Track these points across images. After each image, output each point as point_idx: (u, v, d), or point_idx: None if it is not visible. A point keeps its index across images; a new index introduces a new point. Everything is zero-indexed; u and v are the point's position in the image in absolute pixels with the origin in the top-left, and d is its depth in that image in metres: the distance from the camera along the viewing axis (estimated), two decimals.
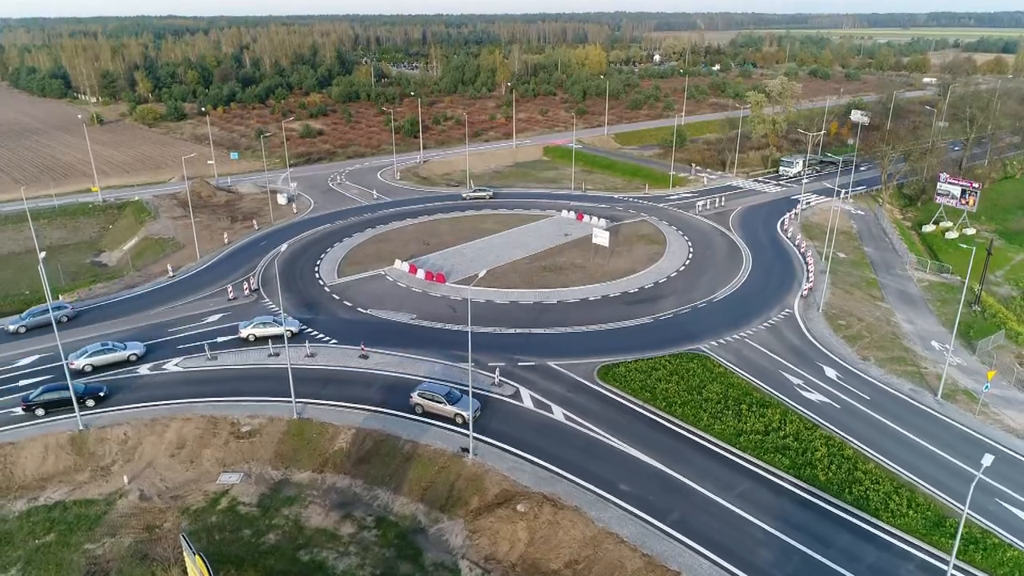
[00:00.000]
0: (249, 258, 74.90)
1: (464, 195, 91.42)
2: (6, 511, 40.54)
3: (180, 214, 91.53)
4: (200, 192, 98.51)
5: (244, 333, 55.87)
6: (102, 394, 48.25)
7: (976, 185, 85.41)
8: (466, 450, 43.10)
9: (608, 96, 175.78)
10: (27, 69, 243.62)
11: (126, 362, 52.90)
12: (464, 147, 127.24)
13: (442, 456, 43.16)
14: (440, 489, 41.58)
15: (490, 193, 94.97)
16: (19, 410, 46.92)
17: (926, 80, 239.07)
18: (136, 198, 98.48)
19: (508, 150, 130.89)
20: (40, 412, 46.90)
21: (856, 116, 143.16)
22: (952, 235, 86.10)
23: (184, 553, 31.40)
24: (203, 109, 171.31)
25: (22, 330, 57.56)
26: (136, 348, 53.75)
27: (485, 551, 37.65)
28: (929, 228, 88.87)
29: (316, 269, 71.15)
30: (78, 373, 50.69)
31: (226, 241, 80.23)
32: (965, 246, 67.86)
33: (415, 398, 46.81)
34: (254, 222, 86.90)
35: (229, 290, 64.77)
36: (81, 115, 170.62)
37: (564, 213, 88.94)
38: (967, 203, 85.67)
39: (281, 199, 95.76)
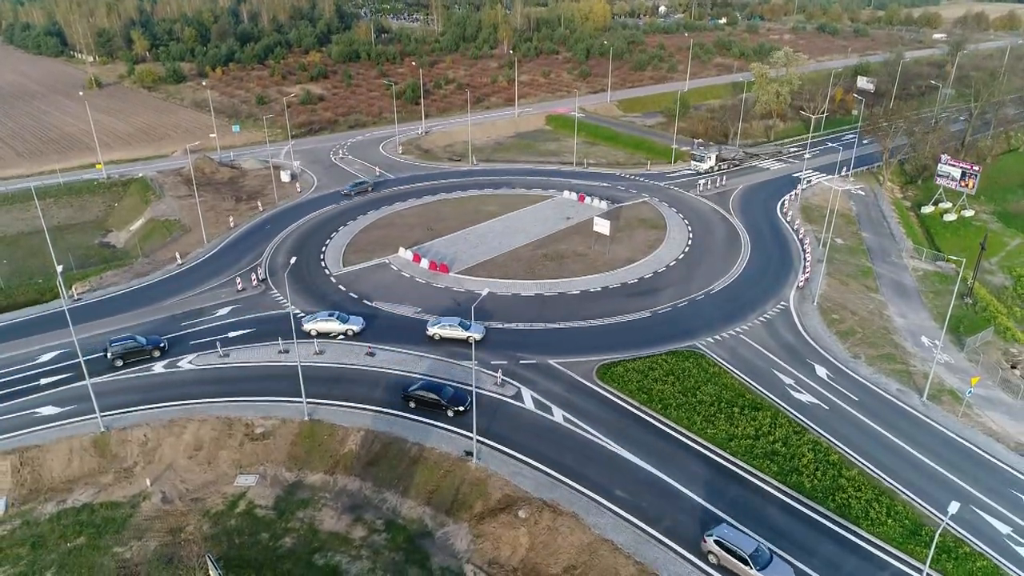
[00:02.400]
0: (255, 244, 76.12)
1: (344, 191, 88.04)
2: (37, 513, 43.04)
3: (185, 193, 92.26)
4: (203, 169, 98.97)
5: (307, 327, 57.30)
6: (163, 346, 54.89)
7: (976, 168, 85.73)
8: (470, 453, 45.28)
9: (612, 56, 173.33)
10: (21, 25, 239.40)
11: (344, 334, 57.27)
12: (465, 116, 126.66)
13: (447, 460, 45.38)
14: (446, 493, 43.93)
15: (370, 185, 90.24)
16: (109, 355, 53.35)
17: (936, 36, 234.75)
18: (140, 175, 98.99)
19: (510, 119, 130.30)
20: (119, 363, 53.27)
21: (862, 83, 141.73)
22: (950, 217, 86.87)
23: (210, 571, 33.75)
24: (202, 71, 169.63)
25: (119, 363, 54.49)
26: (479, 331, 56.43)
27: (488, 555, 40.16)
28: (928, 209, 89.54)
29: (322, 257, 72.42)
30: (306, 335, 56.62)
31: (232, 225, 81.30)
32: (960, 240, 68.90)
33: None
34: (259, 203, 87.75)
35: (238, 282, 66.21)
36: (79, 77, 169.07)
37: (566, 194, 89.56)
38: (966, 185, 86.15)
39: (284, 176, 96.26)
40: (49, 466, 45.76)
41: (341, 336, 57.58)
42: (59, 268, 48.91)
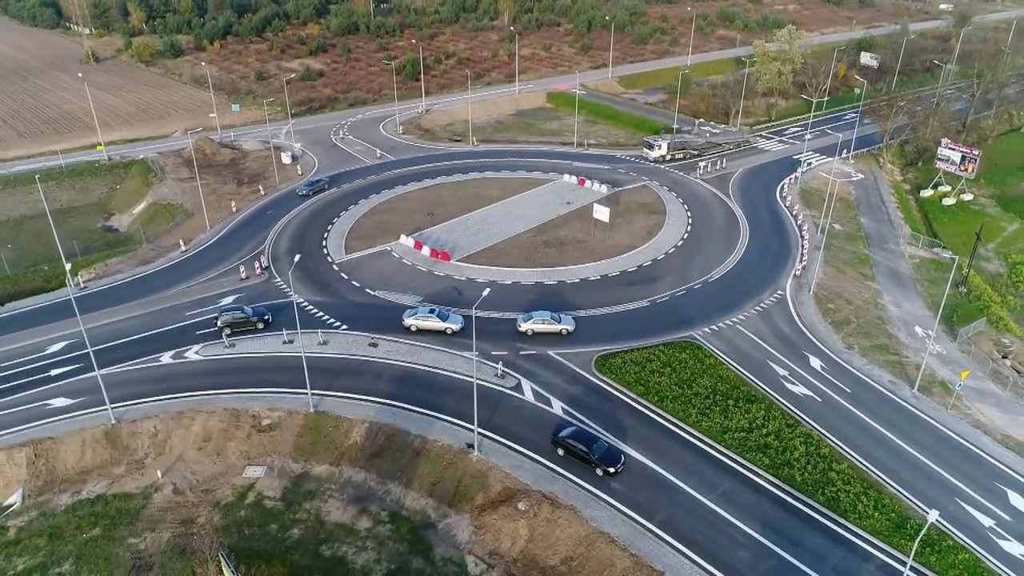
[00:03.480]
0: (257, 230, 76.75)
1: (299, 191, 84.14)
2: (53, 504, 44.52)
3: (186, 175, 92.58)
4: (204, 150, 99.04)
5: (408, 322, 57.23)
6: (267, 318, 58.09)
7: (976, 152, 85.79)
8: (471, 446, 46.60)
9: (613, 29, 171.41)
10: None
11: (442, 332, 57.25)
12: (466, 93, 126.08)
13: (449, 452, 46.71)
14: (448, 484, 45.35)
15: (326, 182, 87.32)
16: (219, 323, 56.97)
17: (943, 6, 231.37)
18: (141, 156, 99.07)
19: (510, 97, 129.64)
20: (227, 331, 56.51)
21: (865, 59, 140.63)
22: (949, 201, 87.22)
23: (223, 568, 35.22)
24: (200, 45, 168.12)
25: (227, 331, 57.18)
26: (456, 322, 57.21)
27: (489, 546, 41.70)
28: (927, 193, 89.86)
29: (324, 244, 73.12)
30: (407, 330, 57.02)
31: (234, 209, 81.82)
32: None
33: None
34: (260, 187, 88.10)
35: (241, 270, 67.00)
36: (76, 50, 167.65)
37: (566, 178, 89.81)
38: (966, 170, 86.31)
39: (285, 158, 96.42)
40: (63, 458, 47.15)
41: (449, 331, 57.28)
42: (67, 266, 49.74)
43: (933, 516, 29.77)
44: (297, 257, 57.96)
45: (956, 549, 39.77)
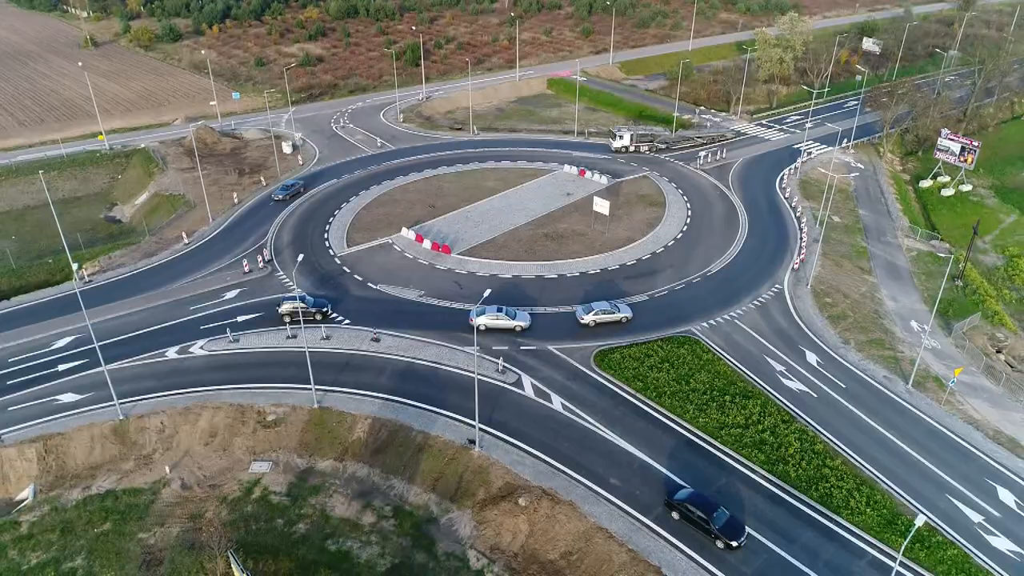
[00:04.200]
0: (259, 222, 77.21)
1: (275, 196, 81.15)
2: (64, 500, 45.53)
3: (187, 165, 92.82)
4: (205, 139, 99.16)
5: (476, 322, 56.33)
6: (326, 310, 59.10)
7: (976, 144, 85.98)
8: (472, 442, 47.52)
9: (615, 13, 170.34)
10: None
11: (512, 331, 57.68)
12: (466, 79, 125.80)
13: (451, 448, 47.64)
14: (450, 480, 46.34)
15: (302, 184, 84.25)
16: (280, 311, 58.58)
17: None
18: (142, 146, 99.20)
19: (511, 83, 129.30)
20: (287, 319, 58.23)
21: (867, 45, 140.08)
22: (948, 192, 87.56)
23: (233, 567, 36.24)
24: (199, 28, 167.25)
25: (287, 319, 58.70)
26: (524, 319, 57.99)
27: (490, 541, 42.76)
28: (926, 184, 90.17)
29: (326, 237, 73.64)
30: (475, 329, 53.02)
31: (236, 201, 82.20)
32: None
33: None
34: (261, 178, 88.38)
35: (245, 264, 67.57)
36: (74, 34, 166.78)
37: (566, 168, 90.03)
38: (965, 160, 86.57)
39: (286, 147, 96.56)
40: (73, 453, 48.12)
41: (517, 329, 57.67)
42: (76, 266, 50.21)
43: (919, 521, 30.68)
44: (301, 257, 58.50)
45: (945, 545, 40.80)
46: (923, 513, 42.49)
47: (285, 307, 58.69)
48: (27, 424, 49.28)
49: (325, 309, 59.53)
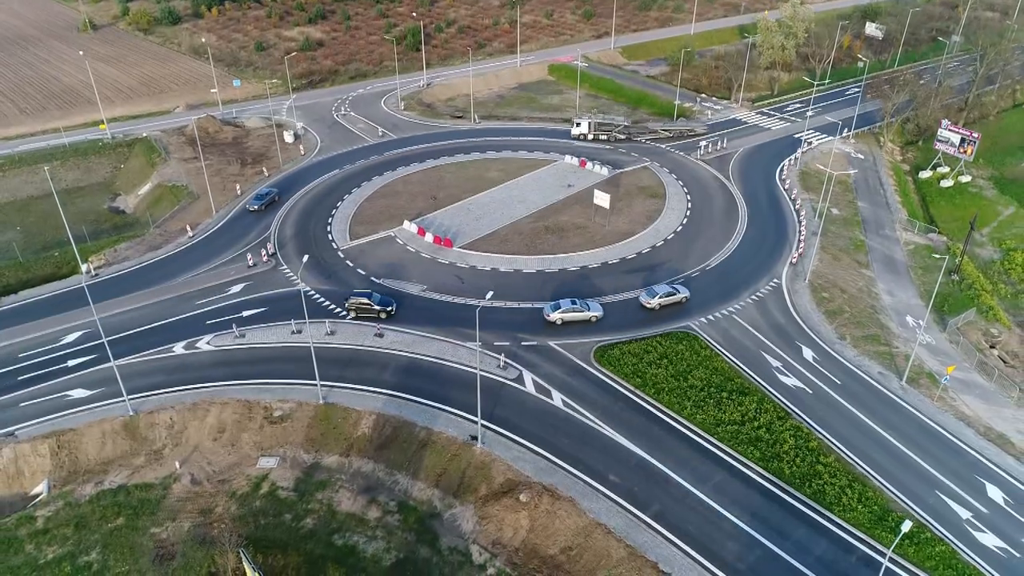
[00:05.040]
0: (262, 214, 77.76)
1: (251, 207, 77.81)
2: (78, 494, 46.76)
3: (190, 155, 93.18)
4: (207, 128, 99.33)
5: (553, 317, 58.45)
6: (390, 309, 59.46)
7: (976, 135, 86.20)
8: (475, 438, 48.69)
9: None
10: None
11: (587, 322, 59.23)
12: (467, 65, 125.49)
13: (454, 444, 48.81)
14: (452, 476, 47.55)
15: (277, 193, 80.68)
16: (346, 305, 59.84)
17: None
18: (144, 135, 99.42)
19: (512, 69, 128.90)
20: (351, 315, 59.05)
21: (870, 30, 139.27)
22: (947, 183, 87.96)
23: (244, 564, 37.51)
24: (198, 11, 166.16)
25: (351, 314, 59.91)
26: (597, 310, 59.50)
27: (492, 536, 44.06)
28: (926, 174, 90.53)
29: (328, 230, 74.28)
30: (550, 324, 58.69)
31: (239, 193, 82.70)
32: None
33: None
34: (263, 169, 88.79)
35: (249, 258, 68.30)
36: (72, 17, 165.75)
37: (567, 159, 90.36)
38: (965, 152, 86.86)
39: (288, 137, 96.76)
40: (85, 449, 49.31)
41: (592, 320, 59.31)
42: (83, 268, 50.99)
43: (906, 526, 31.74)
44: (306, 258, 59.19)
45: (934, 541, 42.04)
46: (912, 510, 43.90)
47: (352, 301, 59.52)
48: (40, 420, 50.42)
49: (390, 308, 59.79)
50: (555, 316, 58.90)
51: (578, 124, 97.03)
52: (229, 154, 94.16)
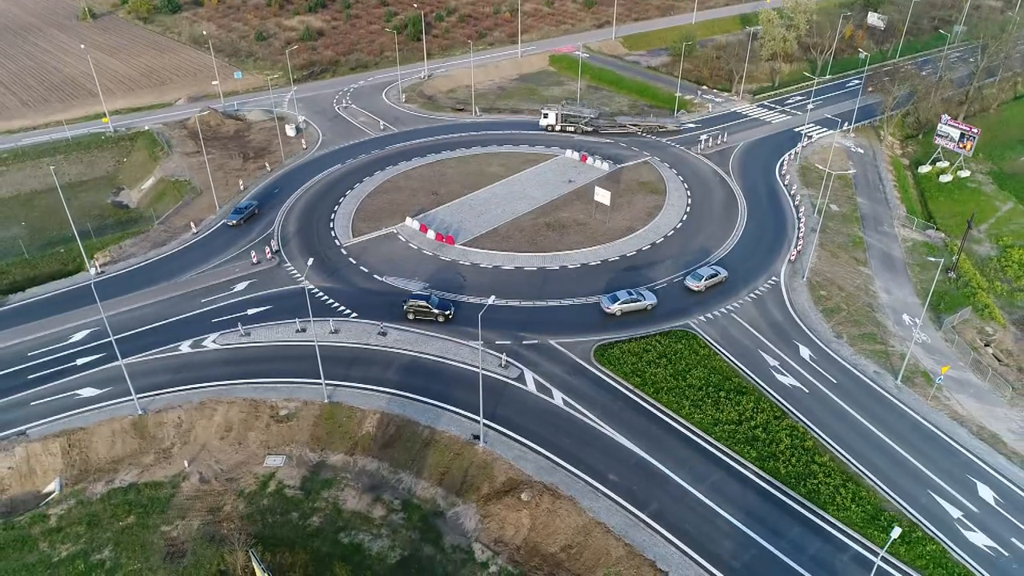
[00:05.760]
0: (265, 210, 78.31)
1: (230, 222, 74.82)
2: (89, 493, 47.83)
3: (192, 149, 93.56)
4: (209, 122, 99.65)
5: (613, 309, 60.24)
6: (449, 312, 59.48)
7: (975, 131, 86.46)
8: (477, 437, 49.67)
9: None
10: None
11: (644, 311, 61.31)
12: (468, 56, 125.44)
13: (456, 443, 49.80)
14: (455, 474, 48.59)
15: (256, 207, 77.72)
16: (405, 307, 59.98)
17: None
18: (146, 128, 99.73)
19: (513, 60, 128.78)
20: (411, 316, 59.39)
21: (872, 19, 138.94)
22: (946, 178, 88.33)
23: (253, 564, 38.59)
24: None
25: (410, 316, 60.05)
26: (652, 298, 61.68)
27: (494, 534, 45.16)
28: (925, 169, 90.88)
29: (331, 226, 74.89)
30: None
31: (241, 188, 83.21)
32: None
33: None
34: (266, 163, 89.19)
35: (253, 255, 68.97)
36: (71, 4, 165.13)
37: (568, 153, 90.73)
38: (964, 147, 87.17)
39: (290, 130, 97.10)
40: (95, 448, 50.32)
41: (648, 308, 61.59)
42: (92, 271, 51.68)
43: (895, 533, 32.72)
44: (311, 260, 59.86)
45: (925, 540, 43.10)
46: (905, 509, 44.96)
47: (411, 304, 59.56)
48: (50, 419, 51.39)
49: (448, 312, 59.80)
50: (615, 308, 60.48)
51: (546, 115, 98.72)
52: (231, 148, 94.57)
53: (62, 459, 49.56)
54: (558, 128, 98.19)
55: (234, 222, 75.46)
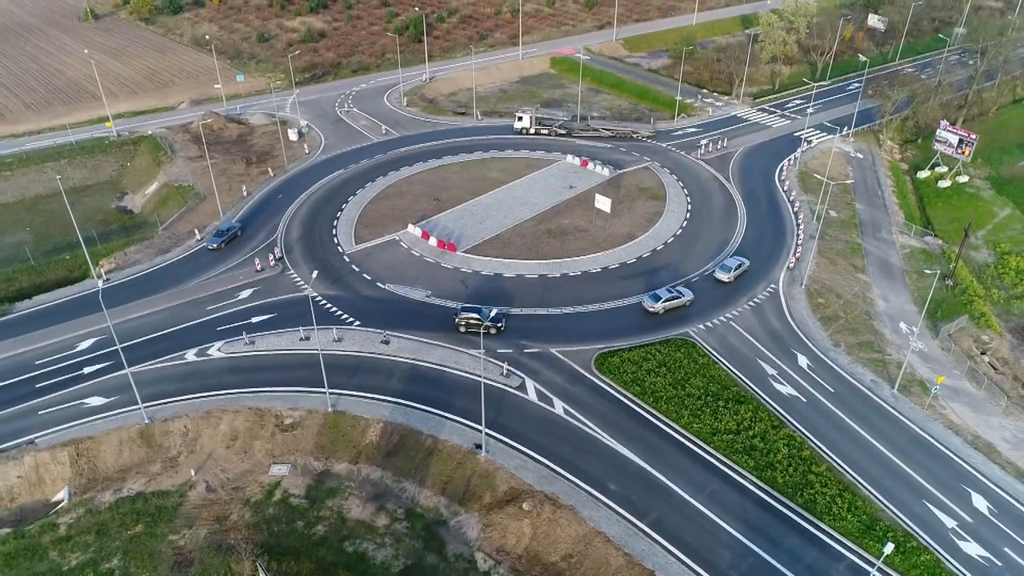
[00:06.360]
0: (268, 216, 78.94)
1: (209, 245, 71.89)
2: (98, 502, 48.64)
3: (195, 153, 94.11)
4: (212, 126, 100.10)
5: (656, 307, 62.37)
6: (500, 325, 60.25)
7: (973, 136, 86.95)
8: (479, 446, 50.43)
9: None
10: None
11: (684, 307, 63.58)
12: (469, 58, 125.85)
13: (459, 452, 50.58)
14: (458, 483, 49.38)
15: (240, 229, 74.88)
16: (457, 320, 60.28)
17: None
18: (150, 132, 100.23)
19: (514, 63, 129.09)
20: (462, 329, 59.77)
21: (872, 21, 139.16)
22: (944, 184, 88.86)
23: (260, 574, 39.38)
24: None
25: (462, 328, 60.15)
26: (689, 295, 63.93)
27: (496, 543, 45.97)
28: (924, 174, 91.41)
29: (334, 233, 75.51)
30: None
31: (245, 194, 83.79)
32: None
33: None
34: (269, 169, 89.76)
35: (256, 262, 69.62)
36: (73, 4, 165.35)
37: (569, 158, 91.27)
38: (962, 153, 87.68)
39: (292, 135, 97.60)
40: (103, 457, 51.10)
41: (688, 304, 64.03)
42: (94, 273, 52.27)
43: (888, 548, 33.45)
44: (315, 273, 60.57)
45: (919, 550, 43.87)
46: (900, 519, 45.72)
47: (463, 317, 59.76)
48: (58, 428, 52.12)
49: (500, 324, 60.35)
50: (659, 306, 62.50)
51: (520, 118, 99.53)
52: (234, 152, 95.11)
53: (71, 468, 50.34)
54: (532, 131, 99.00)
55: (214, 245, 72.13)
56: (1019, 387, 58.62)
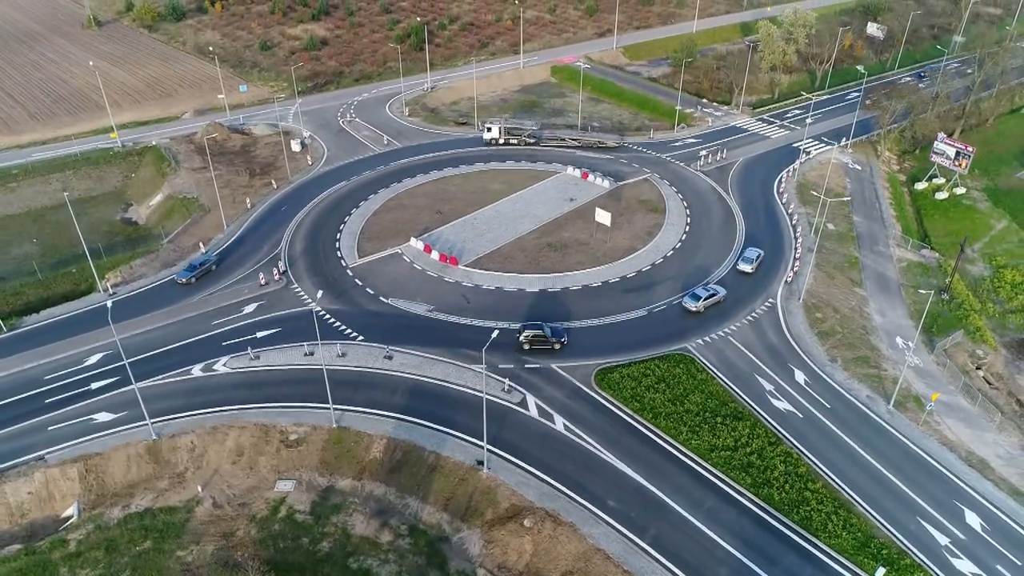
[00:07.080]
0: (272, 229, 79.80)
1: (180, 280, 69.22)
2: (107, 518, 49.52)
3: (199, 164, 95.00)
4: (215, 136, 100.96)
5: (698, 306, 65.29)
6: (564, 340, 61.08)
7: (970, 149, 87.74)
8: (481, 463, 51.28)
9: None
10: None
11: (717, 303, 66.55)
12: (470, 66, 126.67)
13: (461, 468, 51.42)
14: (460, 500, 50.24)
15: (215, 262, 72.09)
16: (521, 337, 60.83)
17: None
18: (154, 143, 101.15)
19: (515, 71, 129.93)
20: (527, 346, 60.49)
21: (871, 30, 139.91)
22: (942, 195, 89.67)
23: None
24: (201, 5, 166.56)
25: (526, 346, 60.68)
26: (723, 292, 67.15)
27: (498, 560, 46.84)
28: (921, 186, 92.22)
29: (337, 246, 76.36)
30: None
31: (248, 206, 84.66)
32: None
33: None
34: (272, 180, 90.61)
35: (261, 276, 70.44)
36: (76, 12, 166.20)
37: (569, 170, 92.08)
38: (959, 165, 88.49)
39: (295, 145, 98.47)
40: (111, 472, 51.99)
41: (722, 300, 67.17)
42: (108, 302, 53.17)
43: (880, 573, 34.30)
44: (320, 293, 61.51)
45: (913, 568, 44.71)
46: (894, 536, 46.54)
47: (527, 334, 60.44)
48: (68, 444, 52.98)
49: (563, 339, 61.06)
50: (699, 305, 65.41)
51: (489, 129, 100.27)
52: (238, 163, 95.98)
53: (79, 484, 51.22)
54: (502, 141, 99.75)
55: (184, 280, 69.04)
56: (1013, 402, 59.49)
